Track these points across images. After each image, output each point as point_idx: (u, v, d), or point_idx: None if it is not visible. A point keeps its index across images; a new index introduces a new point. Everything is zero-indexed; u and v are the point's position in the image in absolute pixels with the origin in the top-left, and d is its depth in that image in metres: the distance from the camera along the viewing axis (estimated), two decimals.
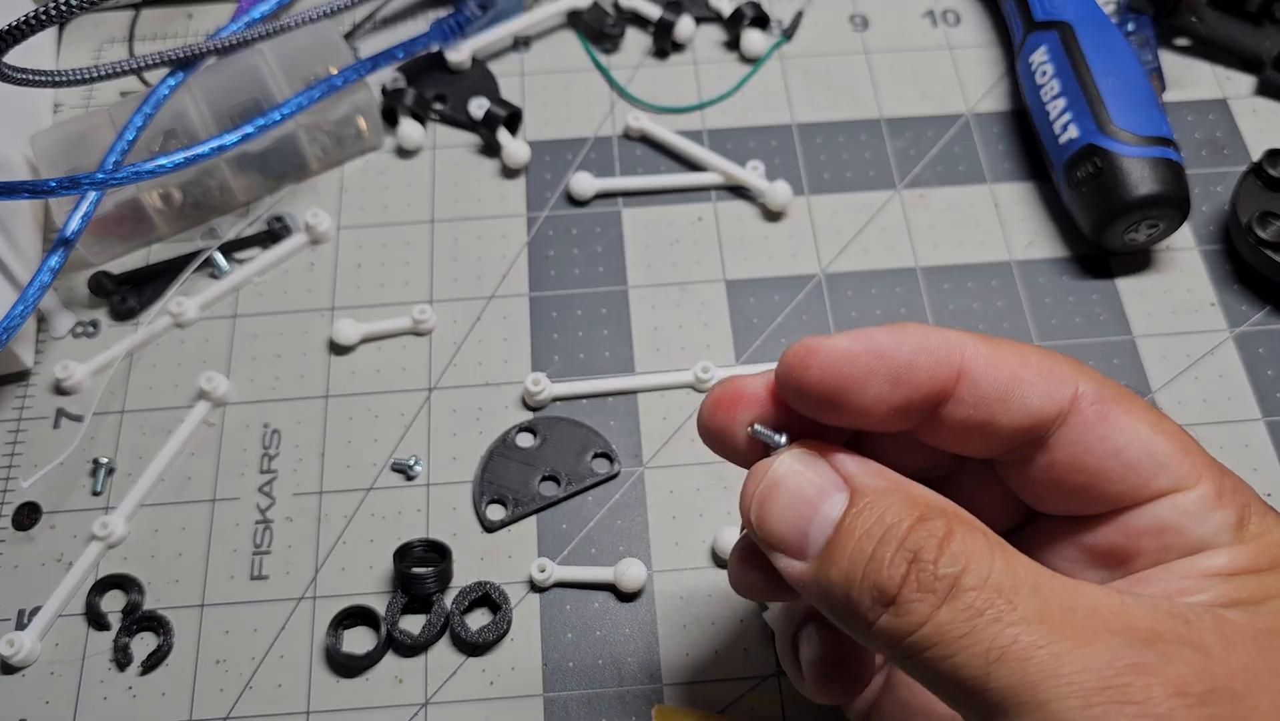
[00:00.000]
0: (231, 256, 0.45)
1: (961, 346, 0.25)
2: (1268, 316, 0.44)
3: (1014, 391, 0.25)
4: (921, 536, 0.22)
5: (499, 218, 0.46)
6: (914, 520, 0.22)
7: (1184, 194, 0.42)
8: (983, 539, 0.22)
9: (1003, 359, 0.25)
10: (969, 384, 0.25)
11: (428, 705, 0.37)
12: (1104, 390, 0.26)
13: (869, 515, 0.23)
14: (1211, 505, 0.25)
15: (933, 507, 0.23)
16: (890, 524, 0.23)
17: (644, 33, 0.51)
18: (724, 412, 0.27)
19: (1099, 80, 0.43)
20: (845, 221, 0.46)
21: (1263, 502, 0.26)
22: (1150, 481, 0.25)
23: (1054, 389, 0.25)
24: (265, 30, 0.44)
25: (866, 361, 0.24)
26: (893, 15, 0.52)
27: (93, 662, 0.37)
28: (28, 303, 0.39)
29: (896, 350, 0.25)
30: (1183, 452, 0.25)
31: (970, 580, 0.21)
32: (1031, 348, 0.26)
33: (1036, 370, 0.25)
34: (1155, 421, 0.26)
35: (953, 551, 0.22)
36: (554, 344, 0.43)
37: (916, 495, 0.24)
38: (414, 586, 0.37)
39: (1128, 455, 0.25)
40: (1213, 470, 0.25)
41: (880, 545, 0.22)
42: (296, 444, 0.41)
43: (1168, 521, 0.25)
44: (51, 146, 0.44)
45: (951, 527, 0.22)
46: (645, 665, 0.37)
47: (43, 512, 0.40)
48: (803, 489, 0.24)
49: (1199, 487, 0.25)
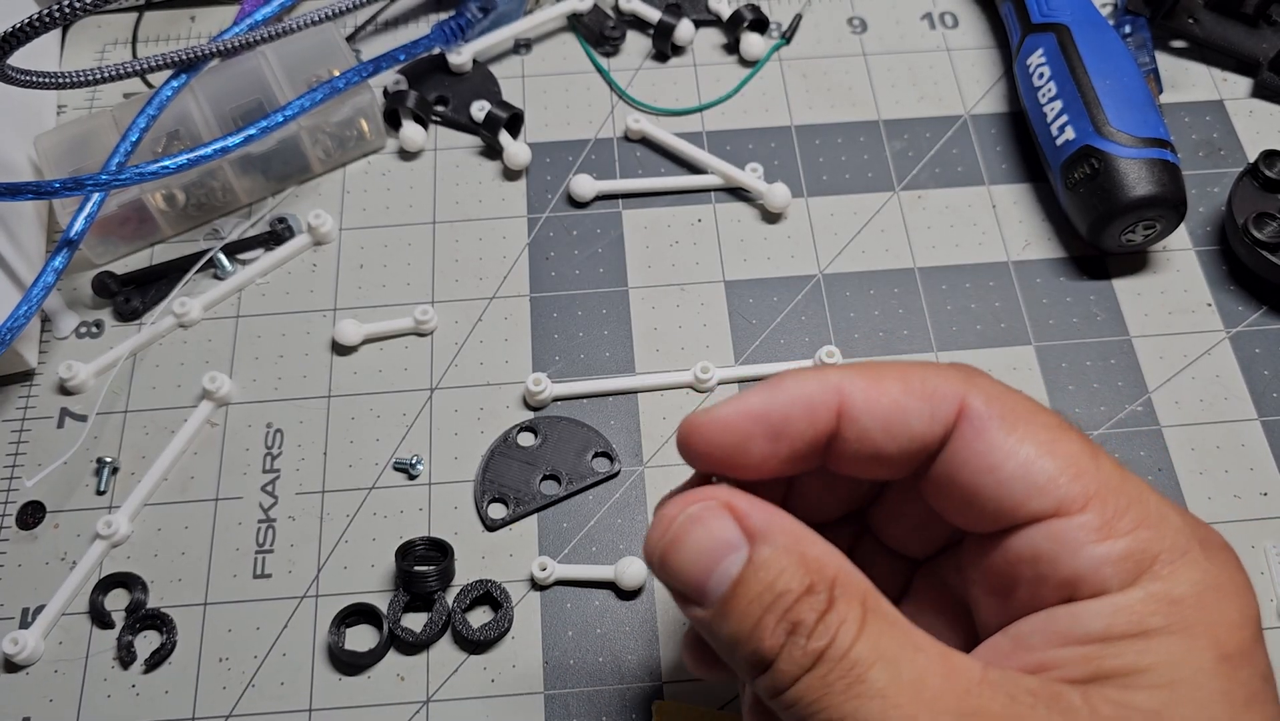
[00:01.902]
0: (234, 257, 0.46)
1: (839, 385, 0.25)
2: (1264, 317, 0.44)
3: (895, 419, 0.25)
4: (803, 609, 0.23)
5: (500, 219, 0.47)
6: (801, 591, 0.23)
7: (1180, 195, 0.42)
8: (858, 609, 0.23)
9: (882, 388, 0.25)
10: (849, 421, 0.25)
11: (429, 702, 0.37)
12: (991, 405, 0.25)
13: (762, 578, 0.24)
14: (1094, 535, 0.23)
15: (823, 574, 0.24)
16: (779, 592, 0.23)
17: (644, 35, 0.52)
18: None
19: (1096, 82, 0.44)
20: (843, 223, 0.47)
21: (1190, 543, 0.24)
22: (1025, 503, 0.24)
23: (936, 409, 0.25)
24: (268, 33, 0.44)
25: (743, 426, 0.26)
26: (891, 18, 0.52)
27: (96, 661, 0.38)
28: (32, 303, 0.40)
29: (770, 408, 0.26)
30: (1071, 475, 0.24)
31: (833, 652, 0.23)
32: (918, 368, 0.26)
33: (919, 393, 0.25)
34: (1046, 440, 0.24)
35: (826, 623, 0.23)
36: (555, 344, 0.44)
37: (811, 558, 0.24)
38: (416, 584, 0.38)
39: (1001, 474, 0.24)
40: (1111, 497, 0.24)
41: (767, 613, 0.23)
42: (299, 443, 0.42)
43: (1041, 549, 0.24)
44: (55, 148, 0.44)
45: (832, 598, 0.23)
46: (645, 662, 0.37)
47: (47, 511, 0.40)
48: (704, 543, 0.25)
49: (1082, 515, 0.24)
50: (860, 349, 0.43)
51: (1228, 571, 0.24)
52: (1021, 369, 0.43)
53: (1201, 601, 0.23)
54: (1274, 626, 0.38)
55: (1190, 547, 0.24)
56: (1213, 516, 0.40)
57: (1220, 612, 0.23)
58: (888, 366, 0.26)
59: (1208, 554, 0.24)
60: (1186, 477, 0.41)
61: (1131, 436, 0.41)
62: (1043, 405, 0.26)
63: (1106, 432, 0.42)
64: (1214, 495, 0.40)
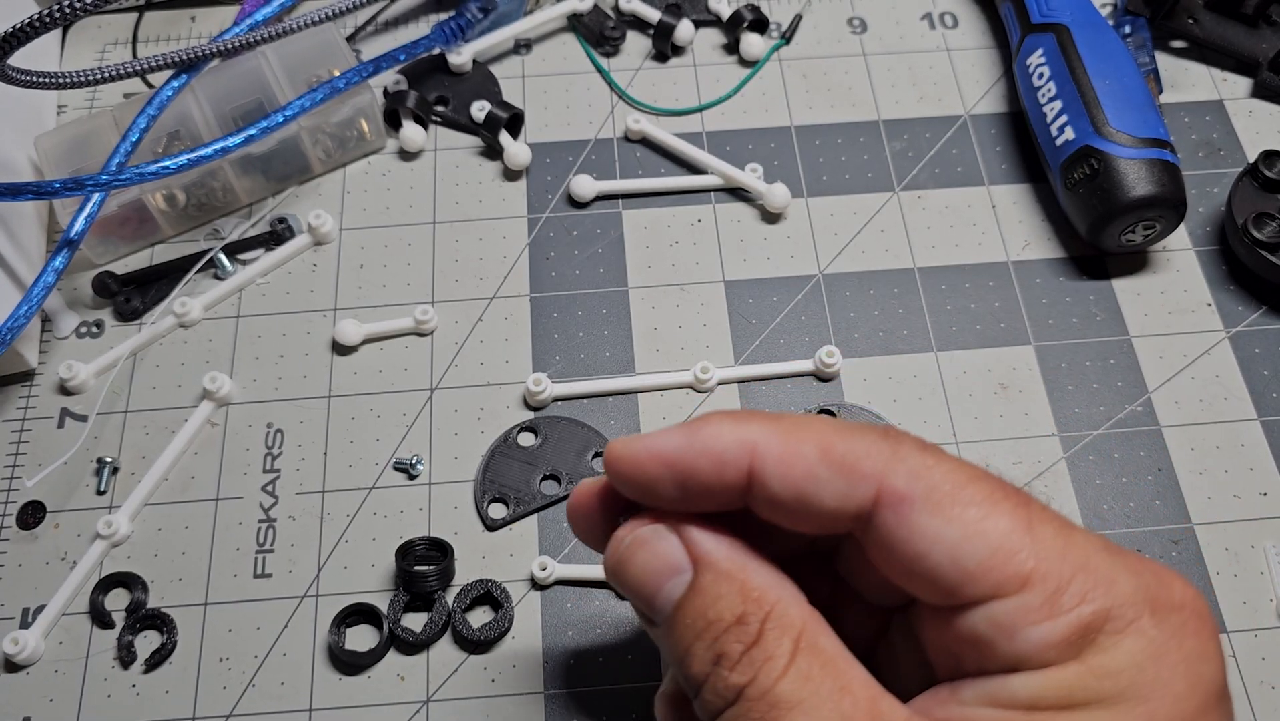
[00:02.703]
0: (235, 257, 0.46)
1: (754, 444, 0.24)
2: (1263, 317, 0.44)
3: (807, 491, 0.24)
4: (729, 640, 0.23)
5: (500, 219, 0.47)
6: (733, 620, 0.23)
7: (1180, 195, 0.42)
8: (788, 645, 0.23)
9: (797, 456, 0.24)
10: (759, 483, 0.24)
11: (429, 702, 0.37)
12: (913, 484, 0.23)
13: (699, 604, 0.24)
14: (1035, 615, 0.22)
15: (759, 606, 0.23)
16: (711, 620, 0.24)
17: (644, 36, 0.52)
18: (579, 516, 0.28)
19: (1095, 82, 0.44)
20: (843, 223, 0.47)
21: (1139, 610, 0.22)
22: (959, 589, 0.23)
23: (853, 487, 0.24)
24: (268, 33, 0.45)
25: (652, 469, 0.25)
26: (891, 18, 0.52)
27: (96, 661, 0.38)
28: (32, 303, 0.40)
29: (680, 456, 0.25)
30: (1004, 556, 0.23)
31: (753, 691, 0.23)
32: (842, 433, 0.24)
33: (837, 467, 0.24)
34: (974, 519, 0.23)
35: (751, 657, 0.23)
36: (555, 344, 0.44)
37: (751, 587, 0.24)
38: (416, 584, 0.38)
39: (929, 562, 0.23)
40: (1053, 570, 0.22)
41: (697, 641, 0.24)
42: (299, 443, 0.42)
43: (980, 633, 0.23)
44: (55, 148, 0.44)
45: (762, 631, 0.23)
46: (645, 662, 0.37)
47: (47, 511, 0.40)
48: (650, 564, 0.25)
49: (1022, 595, 0.22)
50: (860, 349, 0.43)
51: (1179, 637, 0.23)
52: (1021, 369, 0.43)
53: (1141, 673, 0.22)
54: (1274, 626, 0.38)
55: (1139, 615, 0.22)
56: (1212, 516, 0.40)
57: (1161, 684, 0.22)
58: (810, 428, 0.25)
59: (1160, 619, 0.23)
60: (1186, 478, 0.41)
61: (1131, 436, 0.42)
62: (977, 470, 0.24)
63: (1106, 433, 0.42)
64: (1214, 495, 0.40)
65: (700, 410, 0.42)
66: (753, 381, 0.43)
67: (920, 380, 0.43)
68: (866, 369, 0.43)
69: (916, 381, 0.43)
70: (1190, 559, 0.39)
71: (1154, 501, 0.40)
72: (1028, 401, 0.42)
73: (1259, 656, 0.37)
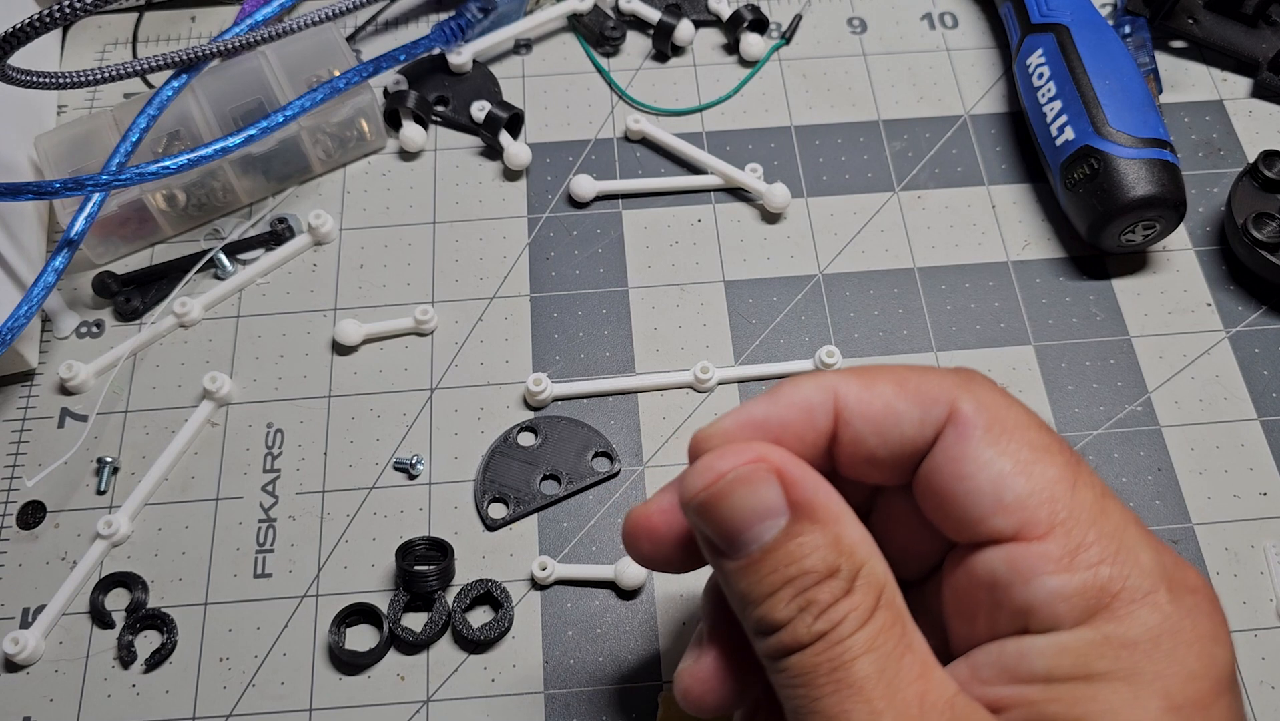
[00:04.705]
0: (235, 257, 0.46)
1: (834, 388, 0.26)
2: (1263, 317, 0.44)
3: (887, 422, 0.25)
4: (822, 591, 0.23)
5: (500, 219, 0.47)
6: (826, 572, 0.24)
7: (1180, 195, 0.42)
8: (871, 600, 0.23)
9: (876, 391, 0.25)
10: (844, 424, 0.26)
11: (430, 702, 0.37)
12: (980, 413, 0.24)
13: (793, 551, 0.24)
14: (1052, 566, 0.23)
15: (851, 560, 0.24)
16: (806, 569, 0.24)
17: (644, 36, 0.52)
18: (644, 537, 0.28)
19: (1095, 82, 0.44)
20: (843, 223, 0.47)
21: (1157, 584, 0.23)
22: (988, 519, 0.24)
23: (927, 412, 0.25)
24: (268, 33, 0.45)
25: (746, 436, 0.26)
26: (891, 18, 0.52)
27: (97, 660, 0.38)
28: (32, 303, 0.40)
29: (769, 416, 0.26)
30: (1041, 499, 0.23)
31: (834, 636, 0.23)
32: (915, 371, 0.26)
33: (912, 396, 0.25)
34: (1026, 459, 0.24)
35: (837, 609, 0.23)
36: (555, 344, 0.44)
37: (845, 541, 0.24)
38: (416, 584, 0.38)
39: (971, 484, 0.24)
40: (1079, 528, 0.23)
41: (787, 585, 0.24)
42: (299, 443, 0.42)
43: (998, 573, 0.24)
44: (56, 148, 0.44)
45: (852, 586, 0.23)
46: (645, 662, 0.37)
47: (47, 511, 0.40)
48: (747, 503, 0.25)
49: (1043, 543, 0.23)
50: (860, 349, 0.43)
51: (1193, 617, 0.23)
52: (1021, 369, 0.43)
53: (1156, 647, 0.22)
54: (1274, 626, 0.38)
55: (1156, 589, 0.23)
56: (1212, 516, 0.40)
57: (1176, 661, 0.22)
58: (884, 369, 0.26)
59: (1175, 597, 0.23)
60: (1186, 477, 0.41)
61: (1131, 436, 0.42)
62: (1040, 420, 0.25)
63: (1106, 432, 0.42)
64: (1213, 495, 0.40)
65: (700, 410, 0.42)
66: (753, 381, 0.43)
67: None
68: None
69: None
70: (1190, 559, 0.39)
71: (1154, 501, 0.40)
72: (1027, 401, 0.42)
73: (1259, 656, 0.37)
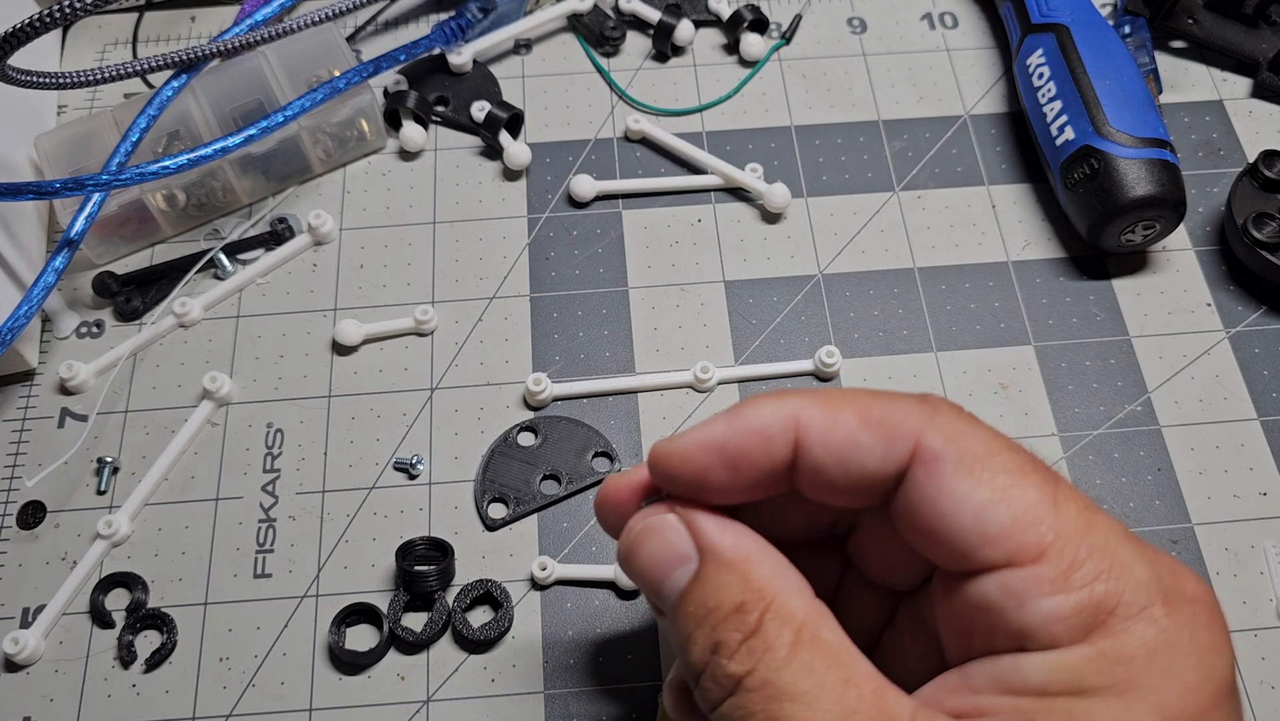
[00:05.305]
0: (235, 257, 0.46)
1: (796, 415, 0.25)
2: (1263, 317, 0.44)
3: (849, 453, 0.25)
4: (727, 630, 0.23)
5: (500, 219, 0.47)
6: (732, 609, 0.23)
7: (1180, 195, 0.42)
8: (788, 636, 0.23)
9: (839, 420, 0.25)
10: (804, 452, 0.25)
11: (430, 702, 0.37)
12: (948, 445, 0.24)
13: (701, 592, 0.24)
14: (1046, 588, 0.22)
15: (760, 595, 0.24)
16: (710, 609, 0.24)
17: (644, 36, 0.52)
18: (611, 509, 0.28)
19: (1095, 82, 0.44)
20: (843, 223, 0.47)
21: (1153, 597, 0.22)
22: (977, 551, 0.23)
23: (891, 446, 0.24)
24: (268, 33, 0.45)
25: (701, 458, 0.26)
26: (891, 18, 0.52)
27: (97, 660, 0.38)
28: (32, 303, 0.40)
29: (727, 440, 0.25)
30: (1025, 524, 0.23)
31: (753, 681, 0.23)
32: (879, 399, 0.25)
33: (875, 429, 0.24)
34: (1002, 486, 0.23)
35: (750, 647, 0.23)
36: (555, 344, 0.44)
37: (753, 575, 0.24)
38: (416, 584, 0.38)
39: (953, 521, 0.23)
40: (1070, 546, 0.23)
41: (697, 629, 0.24)
42: (299, 443, 0.42)
43: (992, 600, 0.23)
44: (56, 148, 0.44)
45: (761, 621, 0.23)
46: (645, 662, 0.37)
47: (47, 511, 0.40)
48: (657, 552, 0.25)
49: (1035, 567, 0.23)
50: (860, 349, 0.43)
51: (1191, 628, 0.23)
52: (1021, 369, 0.43)
53: (1152, 661, 0.22)
54: (1274, 626, 0.38)
55: (1152, 602, 0.22)
56: (1212, 516, 0.40)
57: (1172, 674, 0.22)
58: (847, 396, 0.25)
59: (1173, 609, 0.23)
60: (1186, 477, 0.41)
61: (1131, 436, 0.42)
62: (1009, 441, 0.25)
63: (1106, 432, 0.42)
64: (1213, 495, 0.40)
65: (700, 410, 0.42)
66: (753, 381, 0.43)
67: (920, 380, 0.43)
68: (866, 369, 0.43)
69: (916, 381, 0.43)
70: (1190, 559, 0.39)
71: (1154, 501, 0.40)
72: (1027, 401, 0.42)
73: (1259, 656, 0.37)
